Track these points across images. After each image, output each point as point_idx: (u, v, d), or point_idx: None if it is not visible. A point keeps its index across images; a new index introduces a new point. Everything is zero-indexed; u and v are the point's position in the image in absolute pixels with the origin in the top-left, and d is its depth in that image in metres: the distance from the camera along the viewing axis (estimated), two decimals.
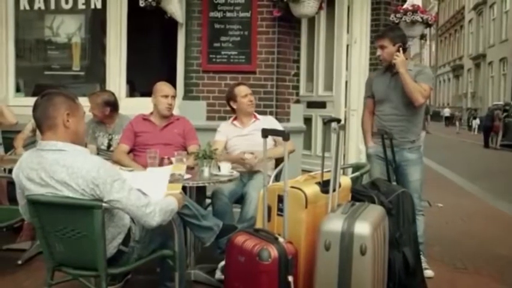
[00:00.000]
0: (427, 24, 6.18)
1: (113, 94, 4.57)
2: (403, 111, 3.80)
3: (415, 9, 6.07)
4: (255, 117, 4.29)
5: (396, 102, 3.80)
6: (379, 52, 3.83)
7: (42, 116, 2.40)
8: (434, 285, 3.49)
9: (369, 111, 4.03)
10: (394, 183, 3.75)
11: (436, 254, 4.23)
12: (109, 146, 4.44)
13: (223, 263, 3.39)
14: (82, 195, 2.33)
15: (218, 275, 3.49)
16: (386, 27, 4.70)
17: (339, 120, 2.99)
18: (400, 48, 3.72)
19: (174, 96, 4.08)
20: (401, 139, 3.82)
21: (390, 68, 3.83)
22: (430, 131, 21.41)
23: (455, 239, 4.81)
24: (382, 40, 3.79)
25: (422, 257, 3.56)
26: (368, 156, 4.03)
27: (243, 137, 4.17)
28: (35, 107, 2.43)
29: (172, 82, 5.17)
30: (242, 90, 4.22)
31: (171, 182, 2.81)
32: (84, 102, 2.59)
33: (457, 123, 31.68)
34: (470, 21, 37.75)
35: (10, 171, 2.61)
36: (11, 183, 2.53)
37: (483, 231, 5.31)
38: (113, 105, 4.45)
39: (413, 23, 6.05)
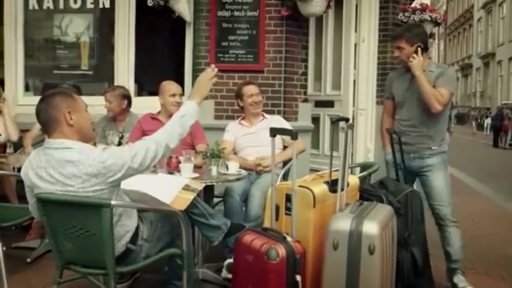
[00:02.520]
0: (436, 23, 6.16)
1: (127, 89, 4.63)
2: (423, 116, 3.43)
3: (423, 8, 6.05)
4: (263, 116, 4.30)
5: (415, 107, 3.44)
6: (396, 53, 3.50)
7: (45, 120, 2.43)
8: (443, 285, 3.47)
9: (388, 113, 3.69)
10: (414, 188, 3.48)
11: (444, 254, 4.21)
12: (119, 144, 4.46)
13: (228, 261, 3.39)
14: (97, 184, 2.35)
15: (224, 273, 3.49)
16: (404, 26, 4.19)
17: (347, 120, 2.99)
18: (419, 49, 3.38)
19: (181, 95, 4.09)
20: (419, 145, 3.47)
21: (410, 69, 3.45)
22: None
23: (464, 239, 4.74)
24: (399, 41, 3.45)
25: (460, 276, 3.45)
26: (386, 162, 3.69)
27: (250, 135, 4.18)
28: (37, 113, 2.46)
29: (180, 81, 5.17)
30: (248, 90, 4.22)
31: (184, 189, 2.84)
32: (93, 101, 2.60)
33: (474, 123, 30.11)
34: (479, 19, 37.55)
35: (19, 170, 2.62)
36: (20, 182, 2.54)
37: (492, 232, 5.28)
38: (128, 98, 4.50)
39: (421, 21, 6.02)
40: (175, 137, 2.58)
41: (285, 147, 4.17)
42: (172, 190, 2.79)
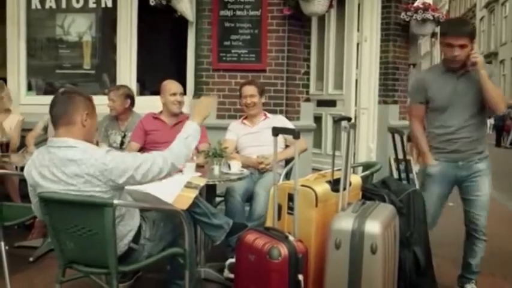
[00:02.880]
0: (438, 22, 6.14)
1: (130, 89, 4.64)
2: (472, 119, 3.16)
3: (426, 7, 6.04)
4: (265, 115, 4.29)
5: (461, 111, 3.14)
6: (457, 52, 3.04)
7: (61, 112, 2.43)
8: (446, 284, 3.47)
9: (419, 119, 3.33)
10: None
11: (447, 254, 4.19)
12: (122, 143, 4.47)
13: (230, 260, 3.39)
14: (97, 186, 2.35)
15: (226, 273, 3.48)
16: (457, 21, 3.62)
17: (349, 119, 2.99)
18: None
19: (182, 93, 4.09)
20: (470, 151, 3.21)
21: (454, 69, 3.15)
22: None
23: None
24: (462, 38, 3.03)
25: (474, 286, 3.38)
26: (428, 175, 3.27)
27: (252, 134, 4.17)
28: (54, 103, 2.46)
29: (183, 80, 5.18)
30: (244, 91, 4.21)
31: (186, 186, 2.84)
32: (95, 101, 2.61)
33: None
34: (481, 19, 37.45)
35: (22, 169, 2.62)
36: (23, 181, 2.55)
37: (495, 232, 5.24)
38: (131, 98, 4.51)
39: (424, 21, 6.02)
40: (182, 158, 2.61)
41: (286, 147, 4.17)
42: (174, 189, 2.80)
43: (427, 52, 49.70)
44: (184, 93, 4.32)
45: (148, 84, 6.48)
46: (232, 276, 3.22)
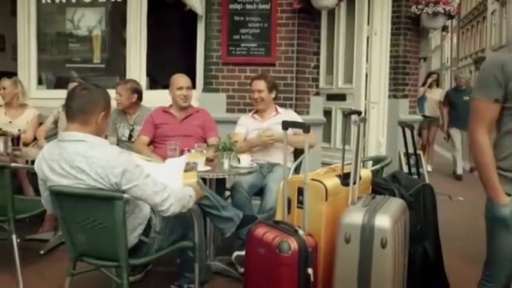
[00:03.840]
0: (449, 16, 6.11)
1: (139, 83, 4.64)
2: None
3: (437, 1, 6.00)
4: (276, 110, 4.26)
5: None
6: None
7: (78, 109, 2.42)
8: (456, 279, 3.45)
9: (489, 127, 2.21)
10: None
11: (457, 249, 4.18)
12: (130, 136, 4.48)
13: (236, 253, 3.39)
14: (101, 184, 2.35)
15: (240, 269, 3.47)
16: None
17: (359, 113, 2.97)
18: None
19: (189, 87, 4.07)
20: None
21: None
22: None
23: (477, 233, 4.69)
24: None
25: None
26: (498, 220, 2.17)
27: (261, 130, 4.15)
28: (73, 97, 2.46)
29: (192, 74, 5.18)
30: (253, 85, 4.18)
31: (185, 170, 2.84)
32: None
33: None
34: (493, 12, 37.10)
35: (33, 162, 2.64)
36: (35, 175, 2.57)
37: None
38: (139, 93, 4.52)
39: (435, 14, 5.98)
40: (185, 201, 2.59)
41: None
42: (175, 180, 2.78)
43: (437, 46, 49.40)
44: (194, 87, 4.32)
45: (158, 78, 6.49)
46: (242, 270, 3.22)
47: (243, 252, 3.08)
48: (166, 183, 2.52)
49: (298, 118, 4.24)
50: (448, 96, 8.49)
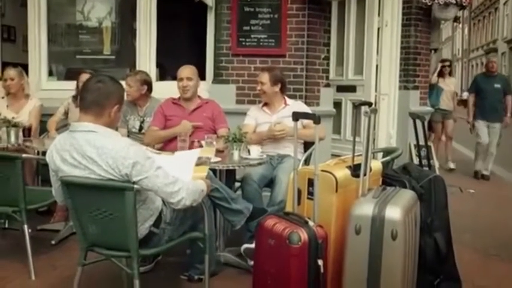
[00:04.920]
0: (461, 6, 6.05)
1: (148, 75, 4.64)
2: None
3: None
4: (285, 102, 4.23)
5: None
6: None
7: (93, 101, 2.42)
8: (466, 271, 3.43)
9: None
10: None
11: (468, 241, 4.17)
12: (141, 128, 4.49)
13: (245, 245, 3.39)
14: (112, 175, 2.36)
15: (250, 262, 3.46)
16: None
17: (370, 104, 2.95)
18: None
19: (189, 78, 4.02)
20: None
21: None
22: None
23: (488, 226, 4.72)
24: None
25: None
26: None
27: (271, 124, 4.13)
28: (87, 89, 2.45)
29: (202, 66, 5.17)
30: (259, 77, 4.16)
31: (197, 164, 2.83)
32: None
33: None
34: (505, 3, 36.68)
35: (44, 153, 2.66)
36: (44, 166, 2.58)
37: None
38: (149, 84, 4.52)
39: (446, 5, 5.93)
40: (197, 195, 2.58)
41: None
42: (188, 169, 2.78)
43: (448, 37, 48.96)
44: (203, 78, 4.30)
45: (168, 69, 6.49)
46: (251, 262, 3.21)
47: (252, 245, 3.08)
48: (178, 176, 2.52)
49: (307, 109, 4.21)
50: (476, 82, 7.53)
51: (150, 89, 4.54)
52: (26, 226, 3.33)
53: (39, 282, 3.30)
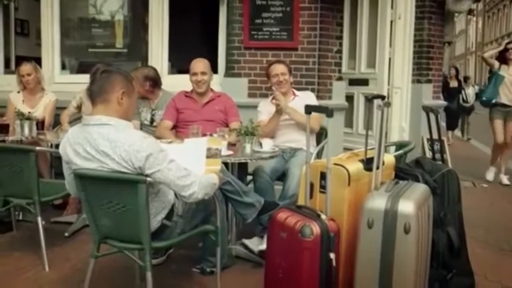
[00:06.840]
0: None
1: (154, 69, 4.64)
2: None
3: None
4: (294, 94, 4.23)
5: None
6: None
7: (98, 90, 2.46)
8: (479, 266, 3.41)
9: None
10: None
11: (481, 236, 4.14)
12: (152, 121, 4.51)
13: (260, 247, 3.38)
14: (125, 168, 2.37)
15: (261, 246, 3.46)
16: None
17: (383, 97, 2.93)
18: None
19: (204, 72, 4.04)
20: None
21: None
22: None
23: (501, 221, 4.68)
24: None
25: None
26: None
27: (282, 116, 4.13)
28: (93, 81, 2.49)
29: (214, 59, 5.17)
30: (273, 69, 4.16)
31: (208, 157, 2.83)
32: None
33: None
34: None
35: (57, 146, 2.67)
36: (57, 158, 2.60)
37: None
38: (152, 80, 4.51)
39: None
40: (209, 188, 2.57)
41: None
42: (200, 161, 2.78)
43: (462, 30, 48.51)
44: (216, 71, 4.30)
45: (180, 62, 6.50)
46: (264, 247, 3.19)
47: (264, 246, 3.07)
48: (191, 169, 2.53)
49: (315, 99, 4.23)
50: None
51: (155, 84, 4.53)
52: (39, 218, 3.36)
53: (53, 273, 3.33)
